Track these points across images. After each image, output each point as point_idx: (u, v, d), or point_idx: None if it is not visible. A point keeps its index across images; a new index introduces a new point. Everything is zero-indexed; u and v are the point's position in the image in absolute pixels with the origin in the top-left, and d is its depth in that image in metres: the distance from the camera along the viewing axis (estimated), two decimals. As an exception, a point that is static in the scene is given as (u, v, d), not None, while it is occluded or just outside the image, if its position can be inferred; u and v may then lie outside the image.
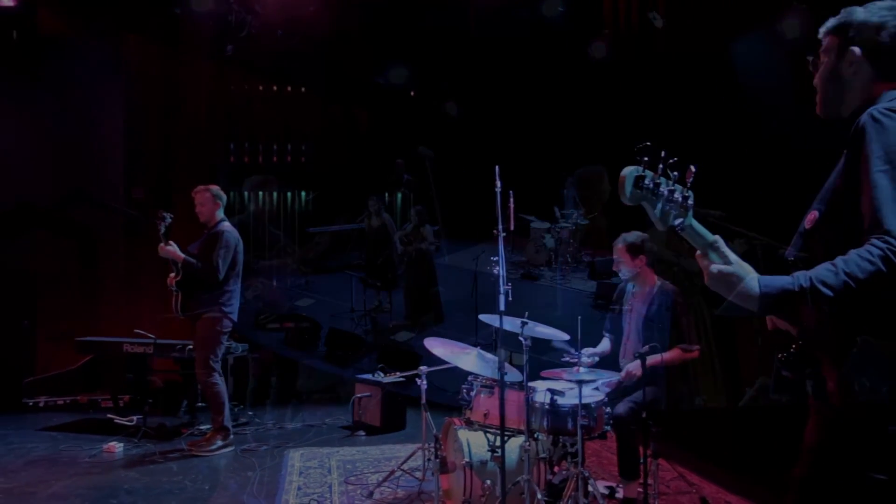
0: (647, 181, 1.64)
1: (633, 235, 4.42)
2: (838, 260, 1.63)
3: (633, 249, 4.37)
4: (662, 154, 1.66)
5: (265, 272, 11.15)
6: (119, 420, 6.24)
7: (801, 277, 1.64)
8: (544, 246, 10.19)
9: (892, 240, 1.59)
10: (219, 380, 5.59)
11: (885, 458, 1.71)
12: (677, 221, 1.68)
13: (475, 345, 4.38)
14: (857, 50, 1.89)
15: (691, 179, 1.69)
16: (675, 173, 1.68)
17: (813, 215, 1.88)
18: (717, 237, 1.73)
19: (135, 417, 6.18)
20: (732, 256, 1.71)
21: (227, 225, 5.72)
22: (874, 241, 1.61)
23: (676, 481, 4.59)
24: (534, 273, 10.20)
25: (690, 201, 1.69)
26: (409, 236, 9.06)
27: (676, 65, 7.11)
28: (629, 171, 1.64)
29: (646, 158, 1.65)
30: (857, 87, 1.91)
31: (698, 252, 1.76)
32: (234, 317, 5.67)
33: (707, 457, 5.21)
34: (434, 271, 8.94)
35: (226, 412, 5.61)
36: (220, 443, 5.55)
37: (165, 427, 6.17)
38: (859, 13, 1.91)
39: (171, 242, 5.50)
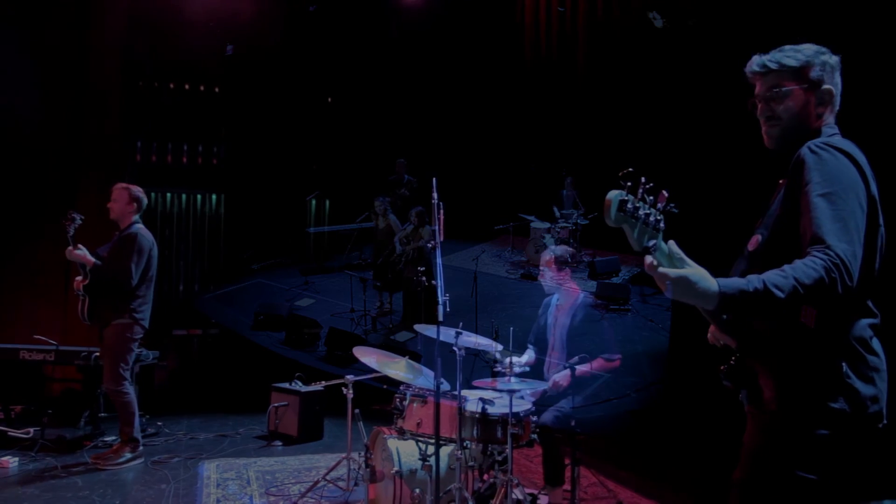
0: (629, 205, 1.74)
1: (560, 249, 4.60)
2: (786, 267, 1.76)
3: (560, 262, 4.54)
4: (642, 180, 1.76)
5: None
6: (13, 433, 5.81)
7: (755, 280, 1.76)
8: (544, 246, 10.29)
9: (831, 252, 1.74)
10: (129, 389, 5.32)
11: (818, 459, 1.86)
12: (651, 243, 1.78)
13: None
14: (832, 88, 2.07)
15: (662, 204, 1.80)
16: (651, 197, 1.78)
17: (756, 239, 2.04)
18: (672, 242, 1.83)
19: (31, 430, 5.78)
20: (685, 259, 1.81)
21: (140, 227, 5.45)
22: (816, 252, 1.75)
23: (594, 487, 4.77)
24: (534, 273, 10.28)
25: (662, 224, 1.80)
26: (409, 237, 9.00)
27: (675, 66, 7.33)
28: (614, 196, 1.73)
29: (629, 183, 1.74)
30: (815, 121, 2.07)
31: (648, 262, 1.80)
32: (146, 323, 5.41)
33: (622, 463, 5.44)
34: (432, 271, 8.87)
35: (135, 423, 5.35)
36: (128, 455, 5.28)
37: (65, 439, 5.80)
38: (814, 56, 2.07)
39: (80, 246, 5.20)
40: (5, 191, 7.19)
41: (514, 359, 4.36)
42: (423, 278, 4.55)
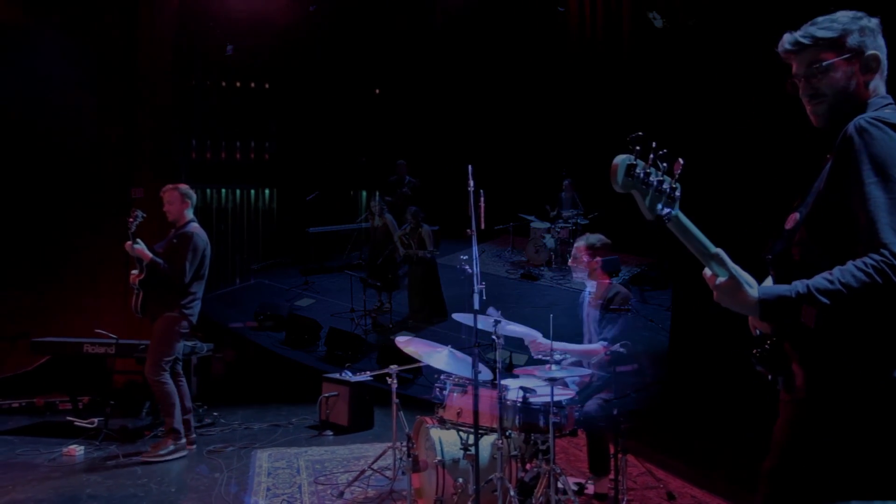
0: (638, 170, 1.66)
1: (595, 237, 4.52)
2: (835, 270, 1.67)
3: (591, 249, 4.46)
4: (653, 145, 1.67)
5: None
6: (79, 422, 6.08)
7: (798, 286, 1.69)
8: (544, 246, 10.26)
9: (886, 252, 1.63)
10: (168, 380, 5.39)
11: (850, 450, 1.76)
12: (665, 211, 1.70)
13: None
14: (878, 54, 1.90)
15: (679, 171, 1.72)
16: (664, 164, 1.70)
17: (794, 217, 1.93)
18: (720, 250, 1.76)
19: (95, 419, 6.04)
20: (732, 267, 1.75)
21: (195, 226, 5.56)
22: (871, 253, 1.65)
23: (643, 476, 4.68)
24: (534, 273, 10.28)
25: (678, 193, 1.71)
26: (408, 237, 9.08)
27: (674, 66, 7.21)
28: (622, 160, 1.65)
29: (637, 148, 1.66)
30: (864, 92, 1.92)
31: (704, 272, 1.79)
32: (194, 319, 5.51)
33: (671, 452, 5.33)
34: (437, 270, 8.97)
35: (176, 414, 5.40)
36: (171, 447, 5.34)
37: (127, 429, 6.04)
38: (851, 23, 1.91)
39: (139, 241, 5.35)
40: (66, 189, 7.50)
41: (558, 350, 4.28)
42: (467, 267, 4.50)
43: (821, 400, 1.82)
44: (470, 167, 3.75)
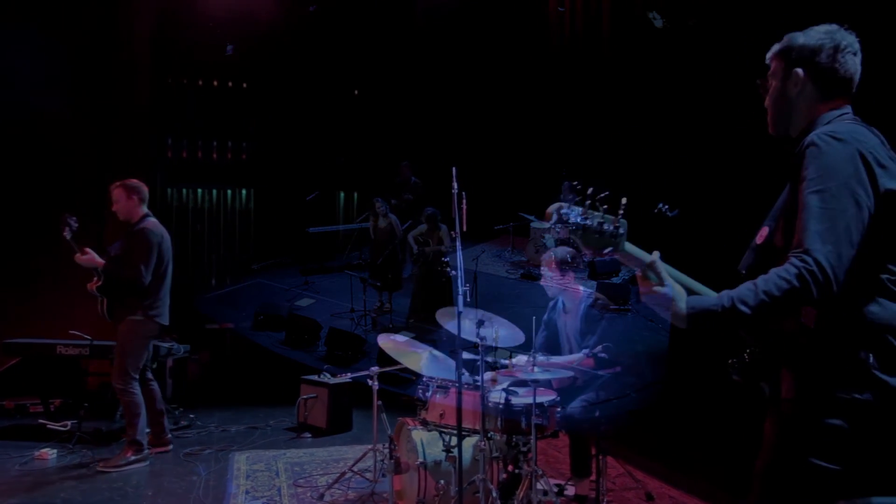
0: (572, 217, 1.76)
1: (562, 251, 4.50)
2: (759, 279, 1.75)
3: (563, 265, 4.43)
4: (589, 191, 1.79)
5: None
6: (51, 425, 5.95)
7: (724, 298, 1.77)
8: (544, 246, 10.27)
9: (808, 258, 1.70)
10: (135, 389, 5.17)
11: (838, 449, 1.80)
12: (606, 250, 1.79)
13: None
14: (800, 71, 2.02)
15: (622, 211, 1.81)
16: (605, 206, 1.79)
17: (764, 231, 1.99)
18: (654, 257, 1.86)
19: (68, 422, 5.91)
20: (666, 277, 1.84)
21: (150, 221, 5.28)
22: (793, 259, 1.73)
23: (622, 478, 4.71)
24: (534, 273, 10.28)
25: (622, 230, 1.82)
26: (425, 236, 9.10)
27: (674, 65, 7.28)
28: (553, 208, 1.77)
29: (577, 198, 1.77)
30: (802, 107, 2.03)
31: (638, 272, 1.88)
32: (163, 320, 5.25)
33: (650, 453, 5.37)
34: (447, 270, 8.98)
35: (140, 425, 5.17)
36: (131, 458, 5.11)
37: (101, 432, 5.94)
38: (799, 37, 2.04)
39: (86, 250, 5.14)
40: (39, 189, 7.34)
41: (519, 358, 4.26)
42: (450, 269, 4.52)
43: (809, 402, 1.85)
44: (454, 169, 3.74)
